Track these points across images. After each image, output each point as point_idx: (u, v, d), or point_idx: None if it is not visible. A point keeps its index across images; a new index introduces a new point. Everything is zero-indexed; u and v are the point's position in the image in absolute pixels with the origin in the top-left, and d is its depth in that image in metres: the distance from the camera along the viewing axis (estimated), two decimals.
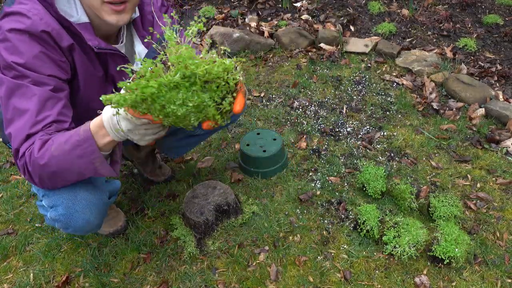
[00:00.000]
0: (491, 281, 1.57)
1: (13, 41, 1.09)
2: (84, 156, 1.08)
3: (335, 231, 1.78)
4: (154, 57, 0.94)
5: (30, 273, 1.65)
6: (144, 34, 1.35)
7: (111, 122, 1.05)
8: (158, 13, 1.37)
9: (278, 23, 3.41)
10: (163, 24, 1.31)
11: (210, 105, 0.87)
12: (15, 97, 1.10)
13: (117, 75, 1.34)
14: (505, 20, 3.30)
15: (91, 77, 1.28)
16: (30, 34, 1.09)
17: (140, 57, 1.35)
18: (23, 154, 1.09)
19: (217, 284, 1.58)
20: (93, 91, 1.31)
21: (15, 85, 1.10)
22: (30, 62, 1.10)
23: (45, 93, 1.12)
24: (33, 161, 1.08)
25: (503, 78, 2.68)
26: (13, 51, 1.09)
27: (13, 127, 1.11)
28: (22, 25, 1.08)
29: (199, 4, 3.75)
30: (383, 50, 2.94)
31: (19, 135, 1.09)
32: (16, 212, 1.92)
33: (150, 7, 1.36)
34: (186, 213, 1.72)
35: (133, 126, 1.02)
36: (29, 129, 1.09)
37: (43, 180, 1.12)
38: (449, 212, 1.74)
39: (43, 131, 1.10)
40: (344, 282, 1.58)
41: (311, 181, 2.03)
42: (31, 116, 1.09)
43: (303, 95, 2.63)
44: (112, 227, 1.76)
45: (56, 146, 1.07)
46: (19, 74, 1.10)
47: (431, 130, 2.32)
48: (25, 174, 1.12)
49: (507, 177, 2.01)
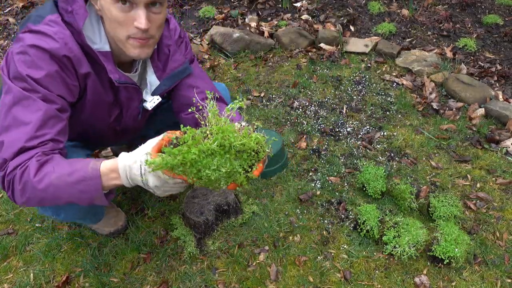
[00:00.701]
0: (491, 281, 1.57)
1: (32, 56, 1.09)
2: (86, 192, 1.07)
3: (335, 231, 1.78)
4: (196, 127, 1.02)
5: (30, 273, 1.65)
6: (159, 65, 1.36)
7: (130, 172, 1.05)
8: (174, 46, 1.38)
9: (278, 23, 3.41)
10: (177, 60, 1.37)
11: (240, 172, 0.96)
12: (19, 107, 1.09)
13: (126, 100, 1.36)
14: (505, 20, 3.30)
15: (100, 102, 1.30)
16: (51, 55, 1.11)
17: (151, 87, 1.37)
18: (13, 168, 1.06)
19: (217, 284, 1.58)
20: (98, 113, 1.33)
21: (23, 96, 1.09)
22: (44, 79, 1.10)
23: (51, 111, 1.12)
24: (27, 183, 1.05)
25: (503, 78, 2.69)
26: (31, 65, 1.09)
27: (7, 135, 1.08)
28: (46, 45, 1.10)
29: (199, 4, 3.75)
30: (383, 50, 2.94)
31: (12, 146, 1.07)
32: (16, 212, 1.92)
33: (168, 40, 1.37)
34: (186, 213, 1.72)
35: (161, 183, 1.03)
36: (25, 142, 1.07)
37: (30, 200, 1.08)
38: (449, 212, 1.74)
39: (39, 148, 1.08)
40: (344, 282, 1.58)
41: (311, 181, 2.03)
42: (31, 129, 1.08)
43: (303, 95, 2.63)
44: (113, 226, 1.76)
45: (58, 175, 1.05)
46: (29, 87, 1.09)
47: (431, 130, 2.32)
48: (8, 189, 1.08)
49: (507, 177, 2.01)
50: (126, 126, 1.47)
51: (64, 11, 1.14)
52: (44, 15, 1.14)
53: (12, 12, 3.88)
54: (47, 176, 1.05)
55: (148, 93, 1.38)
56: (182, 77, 1.41)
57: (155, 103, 1.38)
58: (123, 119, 1.43)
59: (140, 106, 1.40)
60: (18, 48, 1.10)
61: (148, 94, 1.38)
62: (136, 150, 1.06)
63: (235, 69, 2.93)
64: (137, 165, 1.03)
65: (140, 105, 1.39)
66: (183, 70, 1.40)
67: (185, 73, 1.41)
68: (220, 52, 3.12)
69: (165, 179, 1.00)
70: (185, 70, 1.41)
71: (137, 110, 1.41)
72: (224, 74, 2.90)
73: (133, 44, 1.16)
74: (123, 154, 1.07)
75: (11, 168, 1.06)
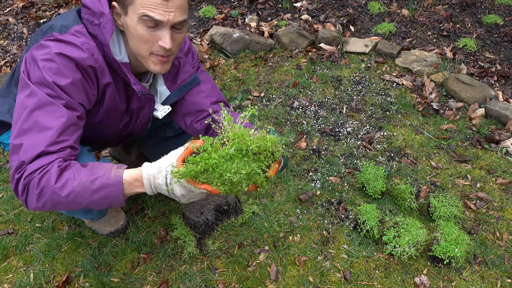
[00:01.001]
0: (491, 281, 1.57)
1: (59, 64, 1.12)
2: (107, 198, 1.09)
3: (335, 231, 1.78)
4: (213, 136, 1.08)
5: (30, 273, 1.65)
6: (168, 76, 1.41)
7: (154, 182, 1.08)
8: (184, 58, 1.44)
9: (278, 23, 3.41)
10: (187, 71, 1.43)
11: (259, 173, 1.02)
12: (42, 111, 1.10)
13: (136, 109, 1.41)
14: (505, 20, 3.30)
15: (114, 110, 1.35)
16: (77, 64, 1.14)
17: (161, 96, 1.43)
18: (31, 172, 1.06)
19: (217, 284, 1.58)
20: (110, 120, 1.38)
21: (48, 101, 1.11)
22: (68, 87, 1.13)
23: (72, 118, 1.14)
24: (47, 188, 1.05)
25: (503, 78, 2.69)
26: (56, 73, 1.12)
27: (27, 138, 1.09)
28: (73, 54, 1.13)
29: (199, 4, 3.75)
30: (383, 50, 2.94)
31: (32, 149, 1.08)
32: (16, 212, 1.92)
33: (179, 53, 1.42)
34: (186, 213, 1.72)
35: (187, 192, 1.05)
36: (46, 147, 1.08)
37: (46, 205, 1.09)
38: (449, 212, 1.74)
39: (57, 153, 1.10)
40: (344, 282, 1.58)
41: (311, 181, 2.03)
42: (53, 135, 1.09)
43: (303, 95, 2.63)
44: (113, 226, 1.76)
45: (80, 182, 1.07)
46: (54, 94, 1.12)
47: (431, 130, 2.32)
48: (22, 192, 1.08)
49: (507, 177, 2.01)
50: (132, 132, 1.53)
51: (89, 22, 1.18)
52: (69, 26, 1.18)
53: (12, 12, 3.88)
54: (69, 182, 1.06)
55: (158, 103, 1.44)
56: (191, 88, 1.46)
57: (165, 113, 1.44)
58: (131, 126, 1.48)
59: (151, 115, 1.46)
60: (44, 55, 1.13)
61: (158, 103, 1.44)
62: (160, 160, 1.09)
63: (235, 69, 2.93)
64: (162, 174, 1.06)
65: (150, 114, 1.45)
66: (192, 81, 1.45)
67: (194, 84, 1.46)
68: (220, 52, 3.12)
69: (191, 188, 1.03)
70: (194, 81, 1.46)
71: (147, 118, 1.47)
72: (224, 74, 2.90)
73: (154, 61, 1.21)
74: (146, 164, 1.11)
75: (29, 171, 1.06)
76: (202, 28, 3.45)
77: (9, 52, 3.37)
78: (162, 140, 1.82)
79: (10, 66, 3.18)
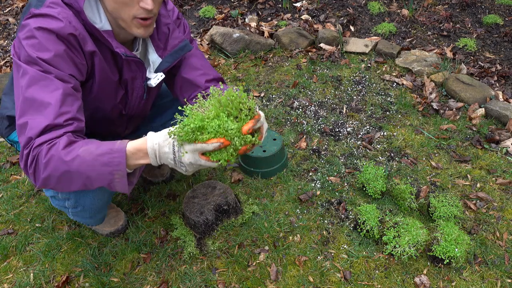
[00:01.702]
0: (491, 281, 1.57)
1: (39, 39, 1.12)
2: (109, 165, 1.09)
3: (335, 231, 1.78)
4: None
5: (30, 273, 1.65)
6: (159, 44, 1.41)
7: (159, 151, 1.10)
8: (173, 25, 1.43)
9: (278, 23, 3.41)
10: (177, 37, 1.42)
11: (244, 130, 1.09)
12: (37, 87, 1.11)
13: (130, 79, 1.39)
14: (505, 20, 3.30)
15: (107, 82, 1.33)
16: (57, 35, 1.14)
17: (153, 65, 1.42)
18: (39, 144, 1.08)
19: (217, 284, 1.58)
20: (105, 94, 1.36)
21: (40, 76, 1.12)
22: (53, 60, 1.13)
23: (68, 89, 1.15)
24: (54, 156, 1.07)
25: (503, 78, 2.69)
26: (39, 48, 1.12)
27: (30, 116, 1.10)
28: (51, 25, 1.13)
29: (199, 4, 3.75)
30: (383, 50, 2.94)
31: (37, 125, 1.09)
32: (16, 212, 1.92)
33: (166, 19, 1.41)
34: (186, 213, 1.72)
35: (195, 159, 1.08)
36: (50, 120, 1.09)
37: (51, 175, 1.10)
38: (449, 212, 1.74)
39: (65, 127, 1.11)
40: (344, 282, 1.58)
41: (311, 181, 2.03)
42: (54, 108, 1.10)
43: (303, 95, 2.63)
44: (113, 226, 1.76)
45: (85, 148, 1.09)
46: (42, 69, 1.12)
47: (431, 130, 2.32)
48: (30, 166, 1.10)
49: (507, 177, 2.01)
50: (132, 109, 1.51)
51: None
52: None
53: (12, 12, 3.88)
54: (75, 149, 1.08)
55: (151, 72, 1.43)
56: (184, 54, 1.45)
57: (159, 80, 1.43)
58: (129, 101, 1.46)
59: (145, 84, 1.44)
60: (25, 33, 1.13)
61: (151, 72, 1.43)
62: (165, 129, 1.10)
63: (235, 69, 2.93)
64: (170, 142, 1.07)
65: (144, 83, 1.43)
66: (183, 47, 1.44)
67: (186, 50, 1.45)
68: (220, 52, 3.12)
69: (197, 147, 1.06)
70: (186, 47, 1.45)
71: (142, 89, 1.45)
72: (224, 74, 2.90)
73: (137, 25, 1.20)
74: (151, 133, 1.11)
75: (37, 143, 1.08)
76: (202, 28, 3.45)
77: (9, 52, 3.37)
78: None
79: (10, 66, 3.18)
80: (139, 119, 1.65)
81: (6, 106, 1.46)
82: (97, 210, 1.56)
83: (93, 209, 1.51)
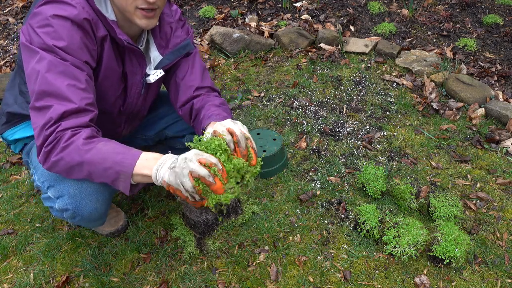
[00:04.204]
0: (491, 281, 1.57)
1: (55, 27, 1.14)
2: (119, 165, 1.13)
3: (335, 231, 1.78)
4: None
5: (30, 273, 1.65)
6: (161, 42, 1.44)
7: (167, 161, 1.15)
8: (175, 24, 1.46)
9: (278, 23, 3.41)
10: (179, 36, 1.46)
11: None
12: (56, 72, 1.14)
13: (130, 73, 1.41)
14: (505, 20, 3.30)
15: (112, 71, 1.34)
16: (72, 22, 1.16)
17: (154, 62, 1.45)
18: (65, 128, 1.12)
19: (217, 284, 1.58)
20: (108, 85, 1.37)
21: (57, 62, 1.14)
22: (70, 47, 1.16)
23: (83, 76, 1.18)
24: (74, 142, 1.12)
25: (503, 78, 2.69)
26: (54, 36, 1.14)
27: (51, 99, 1.13)
28: (66, 12, 1.15)
29: (199, 4, 3.75)
30: (383, 50, 2.94)
31: (59, 108, 1.12)
32: (16, 212, 1.92)
33: (169, 18, 1.44)
34: (186, 213, 1.72)
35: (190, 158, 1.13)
36: (75, 104, 1.14)
37: (60, 160, 1.13)
38: (449, 212, 1.74)
39: (89, 114, 1.17)
40: (344, 282, 1.58)
41: (311, 181, 2.03)
42: (75, 92, 1.14)
43: (303, 95, 2.63)
44: (113, 226, 1.76)
45: (104, 143, 1.15)
46: (59, 57, 1.15)
47: (431, 130, 2.32)
48: (48, 145, 1.13)
49: (507, 177, 2.01)
50: (130, 106, 1.52)
51: None
52: None
53: (12, 12, 3.88)
54: (94, 143, 1.13)
55: (151, 68, 1.45)
56: (185, 52, 1.47)
57: (158, 76, 1.44)
58: (127, 97, 1.47)
59: (143, 80, 1.45)
60: (40, 22, 1.15)
61: (151, 69, 1.45)
62: None
63: (235, 69, 2.93)
64: (177, 157, 1.13)
65: (143, 79, 1.45)
66: (185, 46, 1.47)
67: (187, 49, 1.48)
68: (220, 52, 3.12)
69: None
70: (188, 46, 1.47)
71: (140, 85, 1.46)
72: (224, 74, 2.90)
73: (139, 16, 1.23)
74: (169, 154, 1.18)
75: (63, 128, 1.12)
76: (202, 28, 3.45)
77: (9, 52, 3.37)
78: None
79: (10, 66, 3.18)
80: (136, 120, 1.65)
81: (7, 102, 1.46)
82: (97, 218, 1.50)
83: (92, 219, 1.45)
